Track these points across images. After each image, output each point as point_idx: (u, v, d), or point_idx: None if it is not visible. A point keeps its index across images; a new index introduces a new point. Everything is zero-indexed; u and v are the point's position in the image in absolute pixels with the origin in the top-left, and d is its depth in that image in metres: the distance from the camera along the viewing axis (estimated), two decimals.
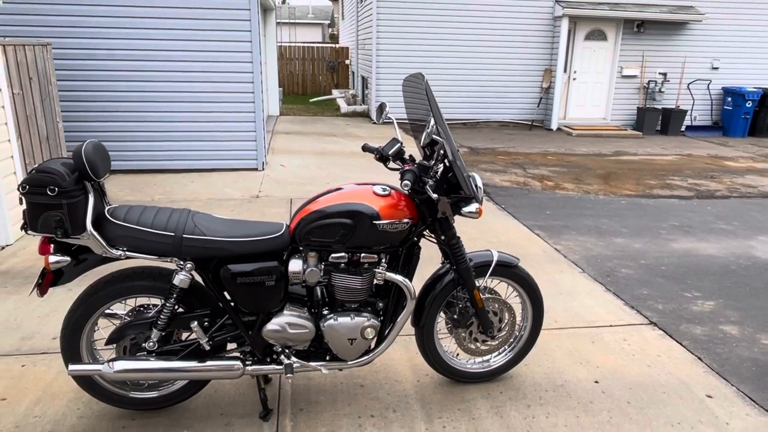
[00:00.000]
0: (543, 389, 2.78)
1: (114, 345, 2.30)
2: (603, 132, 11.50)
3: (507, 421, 2.53)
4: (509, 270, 2.65)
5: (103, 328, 2.55)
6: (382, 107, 2.60)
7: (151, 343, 2.25)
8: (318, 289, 2.46)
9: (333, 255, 2.32)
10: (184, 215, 2.23)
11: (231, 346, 2.46)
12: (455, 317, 2.61)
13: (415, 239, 2.45)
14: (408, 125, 2.59)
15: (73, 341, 2.24)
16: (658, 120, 11.94)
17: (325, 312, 2.39)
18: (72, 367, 2.17)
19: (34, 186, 1.97)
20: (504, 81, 11.91)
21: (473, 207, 2.34)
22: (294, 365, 2.36)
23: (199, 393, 2.60)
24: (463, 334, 2.68)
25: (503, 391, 2.75)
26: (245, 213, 5.38)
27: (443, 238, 2.47)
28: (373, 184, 2.42)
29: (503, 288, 2.82)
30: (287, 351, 2.38)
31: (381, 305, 2.46)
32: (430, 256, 3.31)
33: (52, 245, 2.11)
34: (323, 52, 19.04)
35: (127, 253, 2.12)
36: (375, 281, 2.39)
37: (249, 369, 2.35)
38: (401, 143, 2.42)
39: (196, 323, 2.25)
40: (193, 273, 2.22)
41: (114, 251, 2.10)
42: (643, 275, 4.29)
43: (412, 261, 2.47)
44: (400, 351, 3.06)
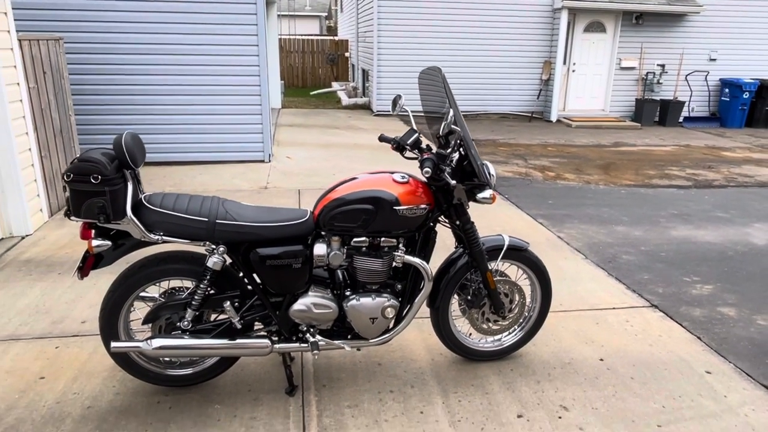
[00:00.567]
0: (551, 366, 2.93)
1: (150, 324, 2.44)
2: (602, 123, 11.64)
3: (518, 396, 2.68)
4: (520, 253, 2.79)
5: (138, 310, 2.68)
6: (396, 99, 2.72)
7: (186, 323, 2.39)
8: (339, 272, 2.60)
9: (355, 239, 2.46)
10: (215, 202, 2.37)
11: (257, 326, 2.60)
12: (469, 298, 2.76)
13: (432, 224, 2.59)
14: (410, 116, 2.73)
15: (112, 321, 2.38)
16: (656, 111, 12.08)
17: (348, 293, 2.53)
18: (114, 344, 2.31)
19: (78, 174, 2.10)
20: (504, 73, 12.02)
21: (487, 193, 2.48)
22: (319, 343, 2.50)
23: (227, 372, 2.74)
24: (476, 314, 2.83)
25: (514, 369, 2.90)
26: (255, 203, 5.51)
27: (458, 223, 2.61)
28: (391, 172, 2.55)
29: (513, 271, 2.97)
30: (312, 330, 2.52)
31: (399, 287, 2.60)
32: (441, 241, 3.45)
33: (93, 230, 2.24)
34: (323, 44, 19.09)
35: (164, 238, 2.26)
36: (393, 264, 2.53)
37: (277, 347, 2.49)
38: (419, 133, 2.55)
39: (228, 303, 2.39)
40: (225, 256, 2.36)
41: (152, 236, 2.24)
42: (644, 261, 4.44)
43: (428, 245, 2.61)
44: (414, 332, 3.21)
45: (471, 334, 3.00)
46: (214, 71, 6.77)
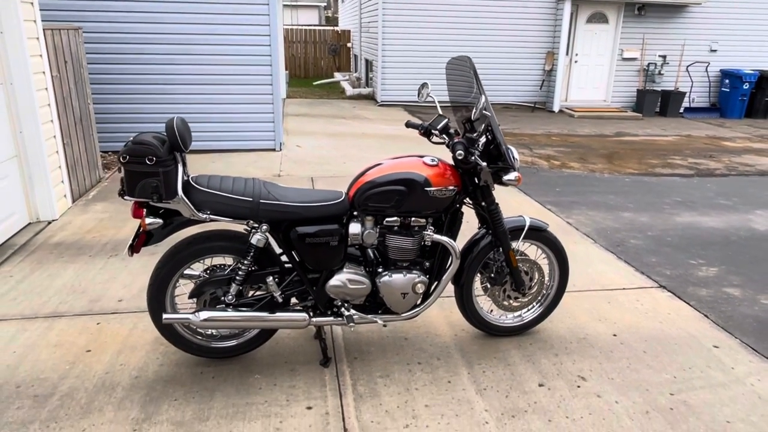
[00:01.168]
0: (568, 341, 3.10)
1: (195, 299, 2.59)
2: (604, 114, 11.78)
3: (538, 367, 2.85)
4: (539, 234, 2.95)
5: (181, 286, 2.82)
6: (422, 87, 2.85)
7: (230, 297, 2.54)
8: (370, 251, 2.75)
9: (387, 219, 2.61)
10: (258, 183, 2.51)
11: (293, 301, 2.75)
12: (492, 276, 2.92)
13: (458, 206, 2.75)
14: (436, 103, 2.87)
15: (160, 296, 2.53)
16: (657, 102, 12.23)
17: (380, 270, 2.68)
18: (166, 316, 2.46)
19: (134, 156, 2.24)
20: (507, 64, 12.14)
21: (513, 175, 2.63)
22: (353, 317, 2.66)
23: (263, 346, 2.89)
24: (498, 292, 2.98)
25: (533, 343, 3.07)
26: None
27: (484, 204, 2.77)
28: (420, 156, 2.70)
29: (533, 251, 3.13)
30: (346, 304, 2.68)
31: (427, 265, 2.76)
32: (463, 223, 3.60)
33: (144, 210, 2.38)
34: (325, 35, 19.14)
35: (211, 216, 2.40)
36: (423, 243, 2.68)
37: (314, 320, 2.65)
38: (448, 119, 2.70)
39: (270, 278, 2.54)
40: (268, 234, 2.50)
41: (200, 214, 2.38)
42: (651, 245, 4.61)
43: (455, 225, 2.76)
44: (437, 310, 3.37)
45: (492, 310, 3.16)
46: (227, 61, 6.88)
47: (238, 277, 2.52)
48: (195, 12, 6.64)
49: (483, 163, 2.56)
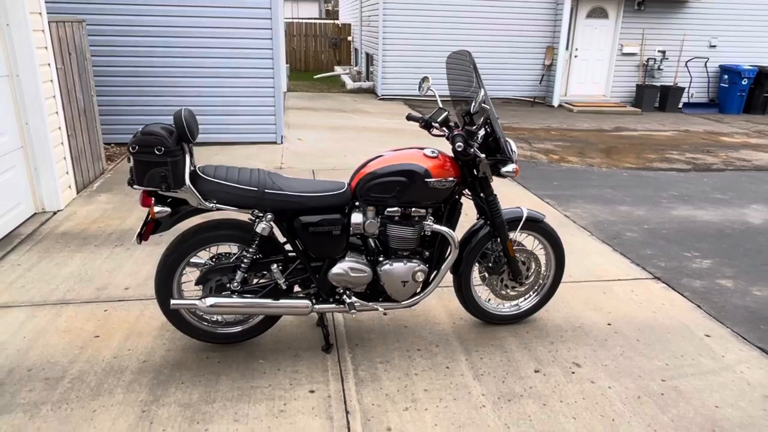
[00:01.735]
0: (563, 330, 3.18)
1: (201, 286, 2.67)
2: (603, 108, 11.84)
3: (534, 354, 2.93)
4: (536, 224, 3.03)
5: (186, 274, 2.90)
6: (423, 81, 2.92)
7: (235, 284, 2.61)
8: (371, 240, 2.82)
9: (388, 209, 2.69)
10: (263, 173, 2.58)
11: (296, 289, 2.83)
12: (490, 265, 3.00)
13: (457, 197, 2.82)
14: (437, 97, 2.94)
15: (168, 283, 2.60)
16: (656, 97, 12.28)
17: (381, 259, 2.76)
18: (173, 301, 2.54)
19: (143, 146, 2.31)
20: (507, 58, 12.18)
21: (511, 167, 2.70)
22: (355, 304, 2.74)
23: (266, 333, 2.97)
24: (496, 281, 3.06)
25: (529, 331, 3.15)
26: None
27: (482, 195, 2.84)
28: (420, 148, 2.77)
29: (530, 241, 3.20)
30: (348, 292, 2.75)
31: (427, 254, 2.83)
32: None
33: (153, 198, 2.46)
34: (325, 28, 19.14)
35: (218, 205, 2.47)
36: (423, 233, 2.76)
37: (317, 307, 2.73)
38: (448, 112, 2.77)
39: (275, 266, 2.62)
40: (272, 223, 2.58)
41: (207, 203, 2.45)
42: (647, 238, 4.69)
43: (454, 215, 2.83)
44: (436, 299, 3.45)
45: (489, 299, 3.24)
46: (228, 54, 6.93)
47: (243, 265, 2.60)
48: (197, 5, 6.69)
49: (482, 155, 2.63)
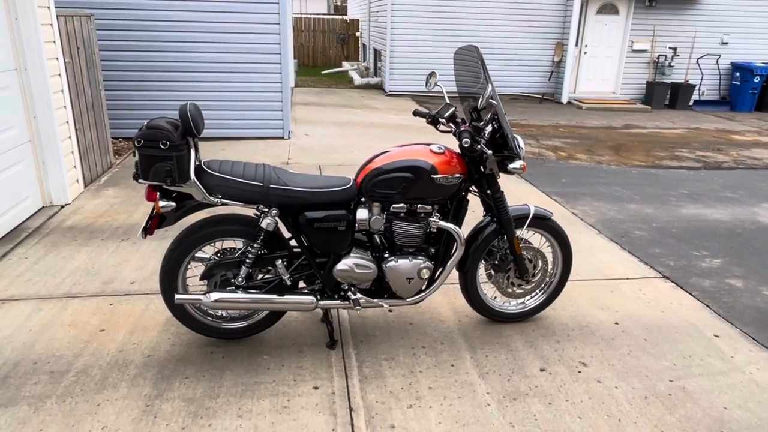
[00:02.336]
0: (570, 328, 3.15)
1: (206, 281, 2.66)
2: (612, 106, 11.74)
3: (540, 353, 2.91)
4: (543, 222, 3.00)
5: (192, 268, 2.90)
6: (430, 76, 2.89)
7: (240, 279, 2.61)
8: (377, 237, 2.80)
9: (394, 205, 2.67)
10: (268, 168, 2.57)
11: (301, 285, 2.81)
12: (496, 263, 2.97)
13: (464, 193, 2.79)
14: (444, 93, 2.91)
15: (172, 277, 2.60)
16: (666, 94, 12.16)
17: (386, 255, 2.74)
18: (178, 296, 2.54)
19: (148, 140, 2.30)
20: (516, 54, 12.10)
21: (518, 164, 2.67)
22: (360, 300, 2.72)
23: (271, 328, 2.96)
24: (502, 278, 3.04)
25: (535, 329, 3.12)
26: None
27: (489, 192, 2.81)
28: (428, 143, 2.74)
29: (537, 239, 3.17)
30: (353, 289, 2.74)
31: (432, 251, 2.81)
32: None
33: (158, 193, 2.45)
34: (333, 24, 19.10)
35: (223, 200, 2.46)
36: (428, 229, 2.73)
37: (321, 303, 2.71)
38: (455, 107, 2.74)
39: (279, 262, 2.61)
40: (277, 218, 2.56)
41: (212, 198, 2.44)
42: (655, 236, 4.64)
43: (461, 212, 2.81)
44: (441, 297, 3.43)
45: (495, 297, 3.22)
46: (236, 49, 6.92)
47: (247, 260, 2.59)
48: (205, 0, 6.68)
49: (489, 152, 2.60)
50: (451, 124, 2.75)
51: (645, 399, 2.58)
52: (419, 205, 2.68)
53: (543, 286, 3.17)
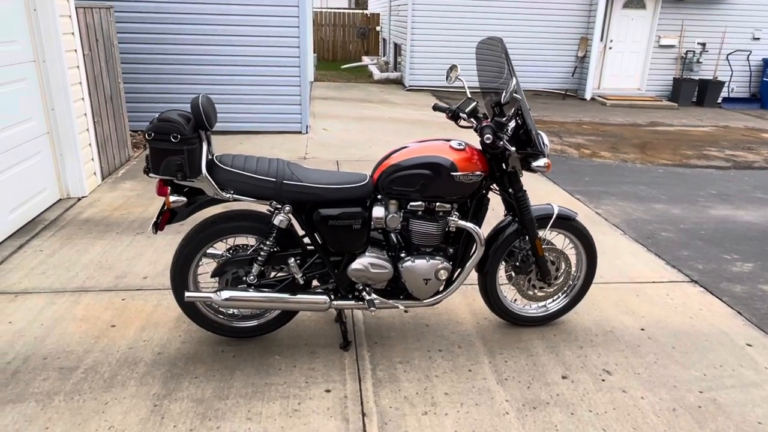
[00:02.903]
0: (593, 334, 3.03)
1: (217, 278, 2.60)
2: (637, 102, 11.45)
3: (562, 359, 2.79)
4: (568, 223, 2.87)
5: (203, 265, 2.84)
6: (450, 70, 2.78)
7: (252, 277, 2.53)
8: (393, 236, 2.71)
9: (411, 203, 2.57)
10: (282, 164, 2.49)
11: (314, 284, 2.73)
12: (517, 264, 2.86)
13: (485, 192, 2.68)
14: (465, 87, 2.79)
15: (183, 274, 2.54)
16: (694, 91, 11.82)
17: (403, 255, 2.64)
18: (188, 294, 2.48)
19: (159, 134, 2.23)
20: (539, 49, 11.87)
21: (542, 162, 2.55)
22: (375, 301, 2.63)
23: (283, 327, 2.89)
24: (523, 281, 2.92)
25: (557, 334, 3.00)
26: None
27: (511, 190, 2.69)
28: (448, 139, 2.64)
29: (560, 240, 3.05)
30: (367, 289, 2.65)
31: (451, 251, 2.71)
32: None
33: (169, 187, 2.38)
34: (354, 18, 18.99)
35: (234, 196, 2.39)
36: (447, 229, 2.63)
37: (335, 303, 2.63)
38: (476, 102, 2.63)
39: (292, 260, 2.53)
40: (290, 215, 2.48)
41: (224, 194, 2.37)
42: (683, 238, 4.47)
43: (481, 211, 2.70)
44: (459, 298, 3.32)
45: (516, 299, 3.10)
46: (256, 42, 6.87)
47: (260, 258, 2.51)
48: None
49: (512, 148, 2.49)
50: (473, 119, 2.64)
51: (673, 411, 2.45)
52: (438, 204, 2.58)
53: (566, 289, 3.04)
